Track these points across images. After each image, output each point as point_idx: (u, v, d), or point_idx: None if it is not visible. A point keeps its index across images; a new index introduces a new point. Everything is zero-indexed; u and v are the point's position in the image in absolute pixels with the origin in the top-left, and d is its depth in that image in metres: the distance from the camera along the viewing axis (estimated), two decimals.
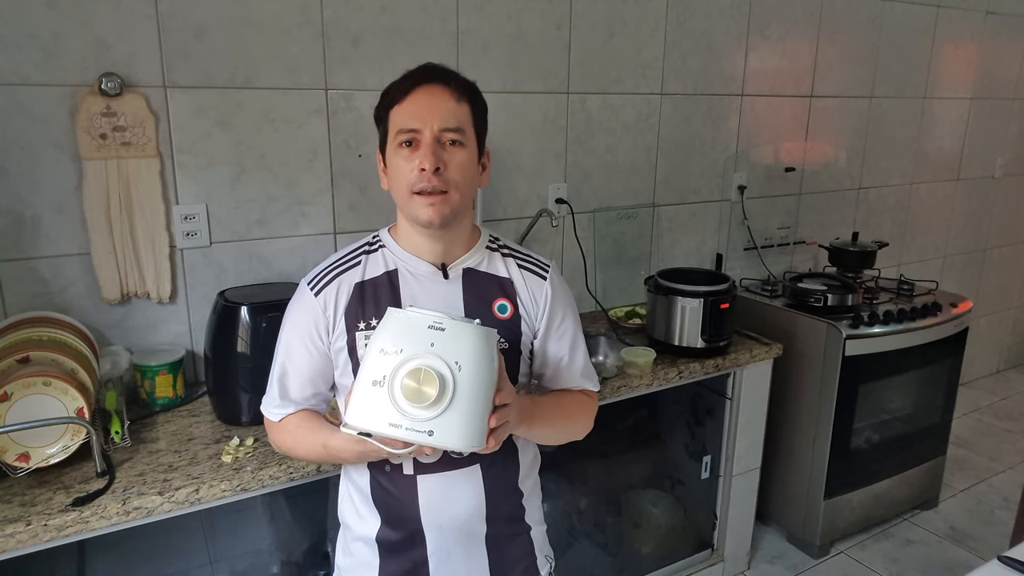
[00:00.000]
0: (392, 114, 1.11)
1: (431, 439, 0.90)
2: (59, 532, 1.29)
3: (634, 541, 2.44)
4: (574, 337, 1.26)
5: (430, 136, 1.08)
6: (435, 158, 1.07)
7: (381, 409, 0.91)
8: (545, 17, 2.27)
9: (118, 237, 1.75)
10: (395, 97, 1.10)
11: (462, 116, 1.10)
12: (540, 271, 1.23)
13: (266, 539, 1.96)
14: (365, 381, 0.94)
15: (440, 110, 1.08)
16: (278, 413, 1.20)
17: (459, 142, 1.09)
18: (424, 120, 1.08)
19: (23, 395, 1.36)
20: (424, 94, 1.09)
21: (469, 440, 0.92)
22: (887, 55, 3.20)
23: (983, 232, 4.01)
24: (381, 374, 0.92)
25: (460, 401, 0.92)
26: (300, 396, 1.19)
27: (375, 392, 0.92)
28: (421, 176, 1.07)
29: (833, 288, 2.60)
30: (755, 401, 2.37)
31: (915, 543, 2.73)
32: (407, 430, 0.91)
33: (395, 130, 1.10)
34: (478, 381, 0.93)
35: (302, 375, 1.17)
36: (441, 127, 1.08)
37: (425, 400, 0.90)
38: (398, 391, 0.91)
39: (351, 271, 1.17)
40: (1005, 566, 1.26)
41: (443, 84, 1.10)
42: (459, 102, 1.10)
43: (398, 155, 1.10)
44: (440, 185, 1.08)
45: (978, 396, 4.04)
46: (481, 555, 1.21)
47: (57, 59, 1.63)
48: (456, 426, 0.91)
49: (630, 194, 2.62)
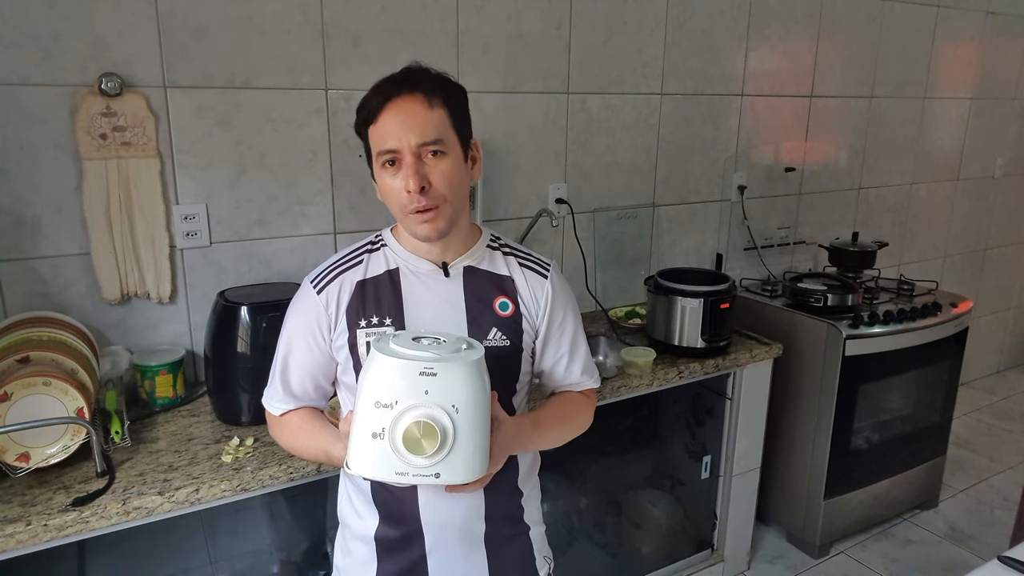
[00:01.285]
0: (370, 133, 1.10)
1: (439, 480, 0.93)
2: (59, 532, 1.29)
3: (634, 541, 2.44)
4: (575, 335, 1.26)
5: (410, 156, 1.06)
6: (418, 177, 1.06)
7: (385, 460, 0.92)
8: (545, 17, 2.27)
9: (118, 237, 1.75)
10: (368, 116, 1.09)
11: (438, 124, 1.08)
12: (541, 270, 1.23)
13: (266, 539, 1.96)
14: (364, 432, 0.93)
15: (414, 124, 1.06)
16: (279, 407, 1.21)
17: (440, 152, 1.08)
18: (400, 138, 1.05)
19: (23, 395, 1.36)
20: (396, 110, 1.06)
21: (475, 472, 0.94)
22: (887, 55, 3.20)
23: (983, 232, 4.01)
24: (380, 427, 0.92)
25: (462, 442, 0.93)
26: (301, 391, 1.20)
27: (376, 444, 0.92)
28: (410, 198, 1.07)
29: (833, 288, 2.60)
30: (755, 401, 2.37)
31: (915, 543, 2.73)
32: (414, 476, 0.93)
33: (375, 151, 1.09)
34: (476, 417, 0.95)
35: (303, 370, 1.19)
36: (419, 143, 1.06)
37: (428, 452, 0.91)
38: (400, 446, 0.91)
39: (353, 269, 1.18)
40: (1005, 566, 1.26)
41: (412, 93, 1.07)
42: (432, 108, 1.07)
43: (384, 174, 1.10)
44: (430, 202, 1.08)
45: (978, 396, 4.04)
46: (480, 554, 1.21)
47: (57, 59, 1.63)
48: (460, 464, 0.93)
49: (630, 194, 2.62)
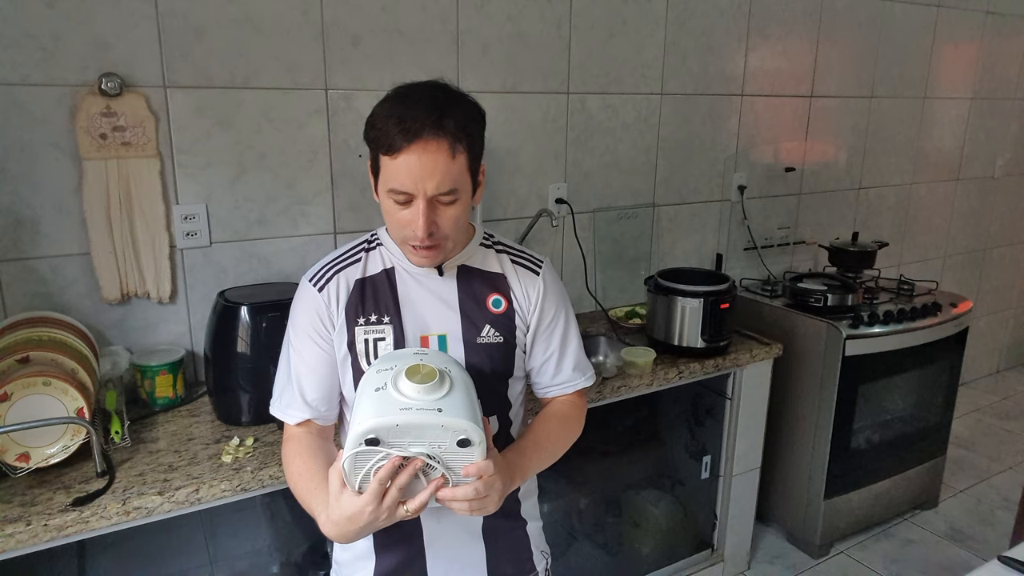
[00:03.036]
0: (383, 161, 1.04)
1: (441, 416, 0.94)
2: (59, 532, 1.29)
3: (634, 541, 2.44)
4: (566, 331, 1.26)
5: (423, 202, 1.03)
6: (428, 223, 1.04)
7: (389, 404, 0.94)
8: (545, 17, 2.27)
9: (118, 237, 1.75)
10: (386, 147, 1.02)
11: (457, 173, 1.04)
12: (533, 267, 1.23)
13: (266, 539, 1.96)
14: (368, 390, 0.97)
15: (434, 174, 1.01)
16: (296, 416, 1.17)
17: (454, 200, 1.06)
18: (418, 184, 1.02)
19: (23, 395, 1.36)
20: (418, 155, 1.00)
21: (472, 417, 0.96)
22: (887, 55, 3.20)
23: (983, 232, 4.01)
24: (382, 382, 0.97)
25: (457, 389, 0.98)
26: (315, 396, 1.16)
27: (379, 395, 0.96)
28: (415, 236, 1.06)
29: (833, 288, 2.60)
30: (755, 401, 2.37)
31: (915, 543, 2.73)
32: (418, 411, 0.94)
33: (386, 184, 1.04)
34: (467, 382, 1.02)
35: (316, 372, 1.16)
36: (435, 193, 1.02)
37: (430, 379, 0.95)
38: (403, 381, 0.96)
39: (352, 267, 1.18)
40: (1005, 566, 1.26)
41: (437, 137, 1.00)
42: (455, 156, 1.02)
43: (390, 201, 1.06)
44: (431, 243, 1.07)
45: (978, 396, 4.04)
46: (478, 546, 1.21)
47: (57, 59, 1.63)
48: (459, 405, 0.96)
49: (630, 194, 2.62)
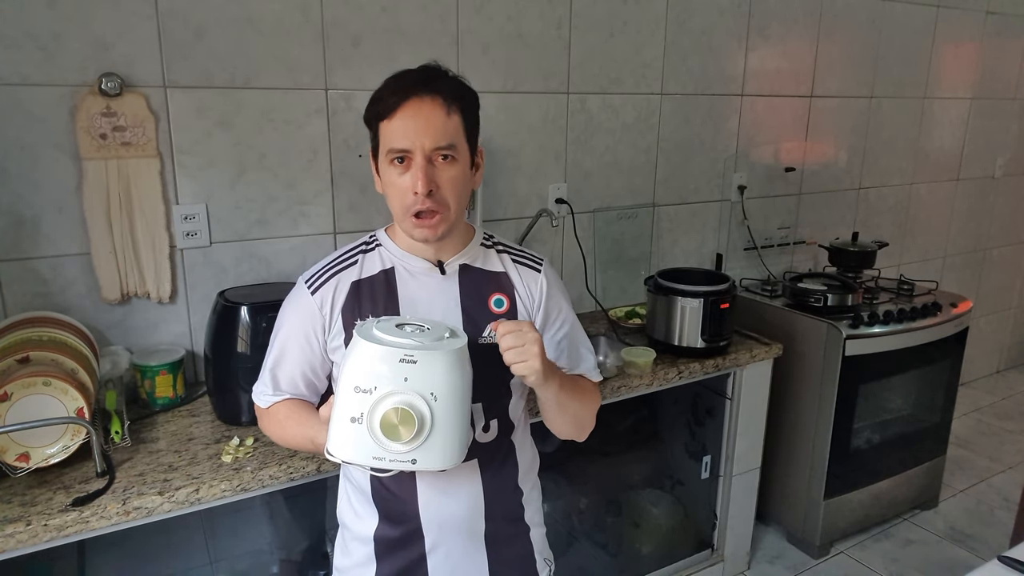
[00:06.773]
0: (381, 128, 1.09)
1: (415, 466, 0.94)
2: (59, 532, 1.29)
3: (634, 541, 2.44)
4: (572, 328, 1.27)
5: (421, 157, 1.06)
6: (427, 180, 1.06)
7: (363, 444, 0.93)
8: (545, 17, 2.27)
9: (118, 237, 1.75)
10: (383, 110, 1.08)
11: (453, 130, 1.08)
12: (534, 265, 1.25)
13: (266, 539, 1.96)
14: (343, 416, 0.94)
15: (431, 128, 1.06)
16: (267, 400, 1.22)
17: (451, 157, 1.08)
18: (414, 140, 1.06)
19: (23, 395, 1.36)
20: (413, 110, 1.06)
21: (451, 459, 0.95)
22: (887, 55, 3.20)
23: (983, 232, 4.01)
24: (359, 411, 0.93)
25: (439, 428, 0.94)
26: (290, 386, 1.21)
27: (355, 428, 0.93)
28: (415, 199, 1.07)
29: (833, 288, 2.60)
30: (755, 401, 2.37)
31: (915, 543, 2.73)
32: (391, 461, 0.93)
33: (385, 147, 1.09)
34: (454, 404, 0.96)
35: (294, 369, 1.20)
36: (432, 147, 1.06)
37: (405, 438, 0.92)
38: (378, 430, 0.92)
39: (348, 270, 1.18)
40: (1005, 566, 1.26)
41: (432, 95, 1.06)
42: (450, 114, 1.07)
43: (390, 170, 1.09)
44: (434, 206, 1.08)
45: (978, 396, 4.04)
46: (480, 553, 1.21)
47: (57, 59, 1.63)
48: (438, 450, 0.94)
49: (630, 194, 2.62)
